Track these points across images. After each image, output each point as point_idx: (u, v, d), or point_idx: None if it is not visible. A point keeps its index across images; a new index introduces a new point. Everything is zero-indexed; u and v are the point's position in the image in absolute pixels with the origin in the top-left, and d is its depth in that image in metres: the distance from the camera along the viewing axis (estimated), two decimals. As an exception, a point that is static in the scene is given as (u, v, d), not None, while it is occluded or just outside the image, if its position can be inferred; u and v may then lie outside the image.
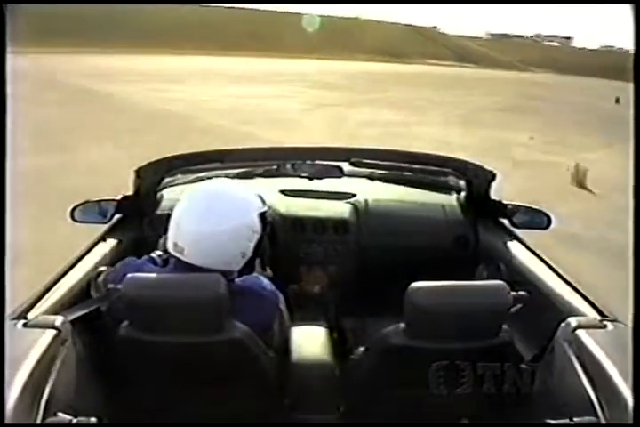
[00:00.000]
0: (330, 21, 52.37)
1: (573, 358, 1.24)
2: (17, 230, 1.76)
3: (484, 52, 52.18)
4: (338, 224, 2.15)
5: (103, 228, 1.94)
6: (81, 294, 1.47)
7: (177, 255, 1.36)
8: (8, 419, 0.97)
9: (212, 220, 1.34)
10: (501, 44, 62.32)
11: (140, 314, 1.27)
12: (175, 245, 1.37)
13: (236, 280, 1.39)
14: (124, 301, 1.26)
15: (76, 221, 1.99)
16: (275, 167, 2.08)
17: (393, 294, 1.36)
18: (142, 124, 9.81)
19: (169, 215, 1.41)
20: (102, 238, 1.84)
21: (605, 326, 1.30)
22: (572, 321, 1.31)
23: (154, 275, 1.36)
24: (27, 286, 1.50)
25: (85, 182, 5.12)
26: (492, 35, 74.03)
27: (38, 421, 1.06)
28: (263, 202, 1.44)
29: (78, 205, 2.01)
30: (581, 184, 7.23)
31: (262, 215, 1.40)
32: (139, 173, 1.91)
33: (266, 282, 1.48)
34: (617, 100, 16.83)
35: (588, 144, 10.23)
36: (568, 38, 75.24)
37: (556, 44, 71.16)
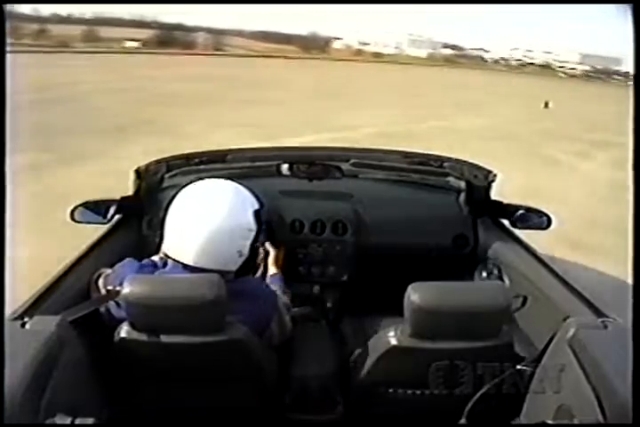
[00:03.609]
0: None
1: (573, 359, 1.24)
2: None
3: None
4: (337, 224, 2.14)
5: (103, 228, 1.93)
6: (81, 295, 1.47)
7: (173, 256, 1.36)
8: (8, 419, 0.97)
9: (206, 219, 1.33)
10: None
11: (139, 315, 1.27)
12: (171, 245, 1.37)
13: (233, 281, 1.38)
14: (124, 302, 1.26)
15: (76, 221, 1.97)
16: (274, 168, 2.07)
17: (393, 294, 1.35)
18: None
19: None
20: (102, 239, 1.84)
21: (605, 327, 1.30)
22: (572, 322, 1.31)
23: (153, 276, 1.36)
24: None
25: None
26: None
27: (38, 421, 1.06)
28: (259, 200, 1.43)
29: (79, 206, 1.99)
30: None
31: (257, 213, 1.40)
32: (139, 173, 1.90)
33: (263, 283, 1.48)
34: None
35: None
36: None
37: None
